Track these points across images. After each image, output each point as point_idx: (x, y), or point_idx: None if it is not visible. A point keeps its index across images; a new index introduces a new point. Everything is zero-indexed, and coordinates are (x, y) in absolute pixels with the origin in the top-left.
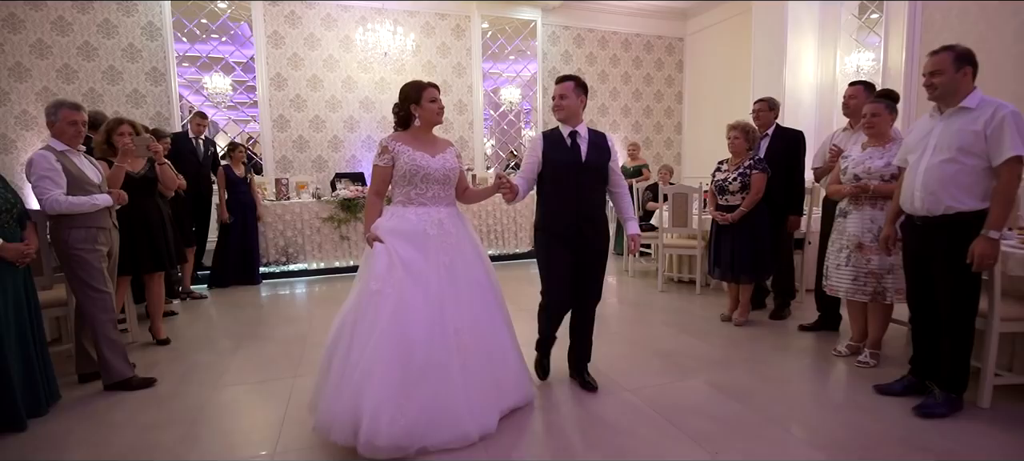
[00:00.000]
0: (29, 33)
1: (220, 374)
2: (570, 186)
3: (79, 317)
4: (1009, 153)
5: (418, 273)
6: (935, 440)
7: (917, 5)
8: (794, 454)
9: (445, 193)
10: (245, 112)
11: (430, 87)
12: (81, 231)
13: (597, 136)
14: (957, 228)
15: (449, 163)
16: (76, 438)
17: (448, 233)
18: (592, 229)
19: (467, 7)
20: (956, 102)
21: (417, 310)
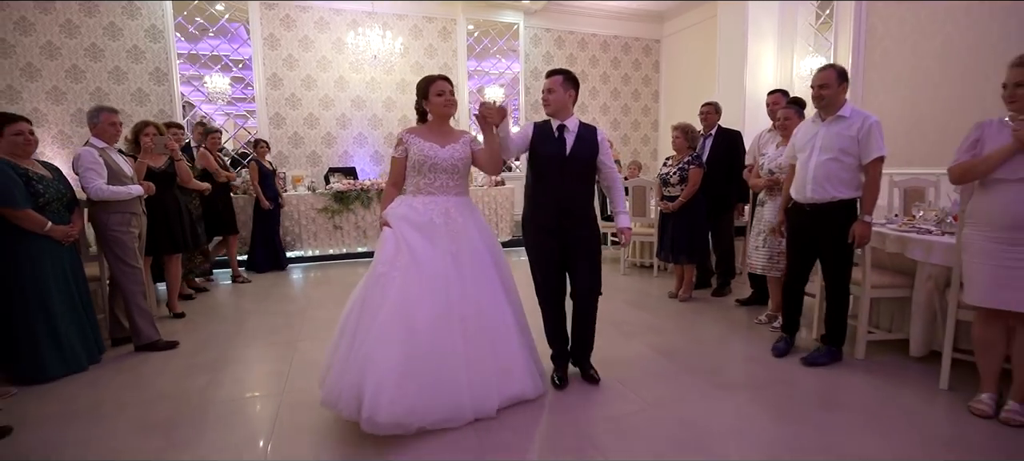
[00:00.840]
0: (39, 35)
1: (232, 338)
2: (553, 178)
3: (113, 289)
4: (875, 154)
5: (424, 259)
6: (815, 383)
7: (863, 15)
8: (698, 393)
9: (454, 183)
10: (240, 107)
11: (438, 81)
12: (118, 215)
13: (587, 130)
14: (839, 212)
15: (458, 153)
16: (115, 382)
17: (455, 222)
18: (574, 221)
19: (453, 9)
20: (835, 111)
21: (421, 294)
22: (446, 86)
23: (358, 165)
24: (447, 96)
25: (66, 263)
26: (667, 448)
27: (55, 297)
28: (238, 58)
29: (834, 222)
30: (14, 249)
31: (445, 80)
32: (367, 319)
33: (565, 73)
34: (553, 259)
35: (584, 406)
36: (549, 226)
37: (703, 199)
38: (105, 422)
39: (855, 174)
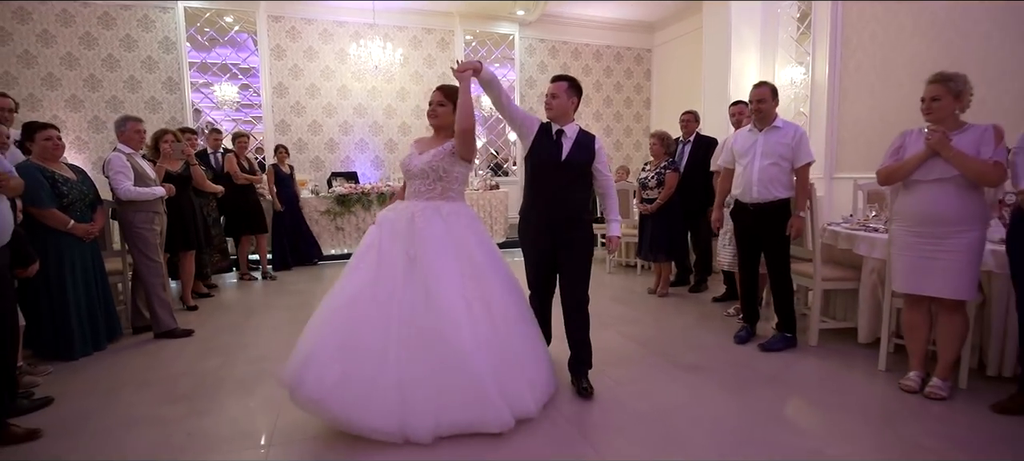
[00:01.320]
0: (59, 47)
1: (244, 330)
2: (547, 181)
3: (135, 281)
4: (805, 159)
5: (381, 261)
6: (770, 365)
7: (838, 27)
8: (661, 372)
9: (425, 188)
10: (247, 113)
11: (433, 91)
12: (142, 214)
13: (586, 137)
14: (777, 210)
15: (430, 160)
16: (139, 363)
17: (417, 229)
18: (566, 226)
19: (451, 21)
20: (770, 123)
21: (367, 292)
22: (434, 96)
23: (359, 169)
24: (434, 107)
25: (87, 257)
26: (625, 417)
27: (79, 287)
28: (246, 67)
29: (774, 218)
30: (43, 243)
31: (438, 90)
32: (327, 299)
33: (570, 80)
34: (545, 257)
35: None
36: (542, 225)
37: (679, 201)
38: (135, 393)
39: (789, 177)
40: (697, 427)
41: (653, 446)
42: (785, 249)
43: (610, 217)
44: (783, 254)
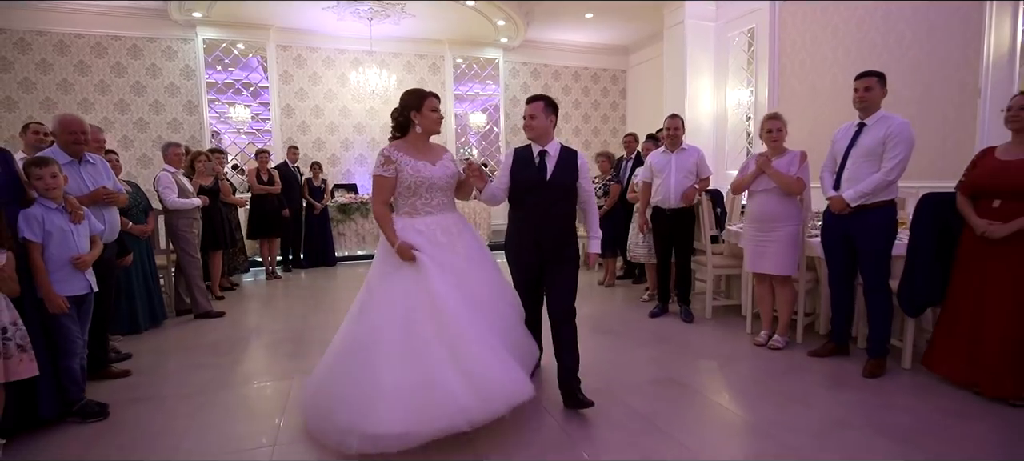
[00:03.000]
0: (93, 75)
1: (267, 311)
2: (533, 203)
3: (178, 273)
4: (706, 174)
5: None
6: (668, 330)
7: (776, 57)
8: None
9: (448, 199)
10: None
11: (432, 96)
12: (185, 220)
13: (568, 154)
14: (687, 214)
15: (449, 169)
16: (187, 333)
17: (457, 237)
18: (554, 243)
19: (441, 48)
20: (680, 146)
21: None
22: (437, 103)
23: (358, 181)
24: (440, 113)
25: (144, 252)
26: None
27: (139, 275)
28: (261, 85)
29: (685, 221)
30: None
31: (435, 97)
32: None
33: (545, 99)
34: (532, 275)
35: None
36: (529, 246)
37: (622, 208)
38: (189, 351)
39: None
40: (616, 370)
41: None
42: (690, 244)
43: (591, 234)
44: (689, 248)
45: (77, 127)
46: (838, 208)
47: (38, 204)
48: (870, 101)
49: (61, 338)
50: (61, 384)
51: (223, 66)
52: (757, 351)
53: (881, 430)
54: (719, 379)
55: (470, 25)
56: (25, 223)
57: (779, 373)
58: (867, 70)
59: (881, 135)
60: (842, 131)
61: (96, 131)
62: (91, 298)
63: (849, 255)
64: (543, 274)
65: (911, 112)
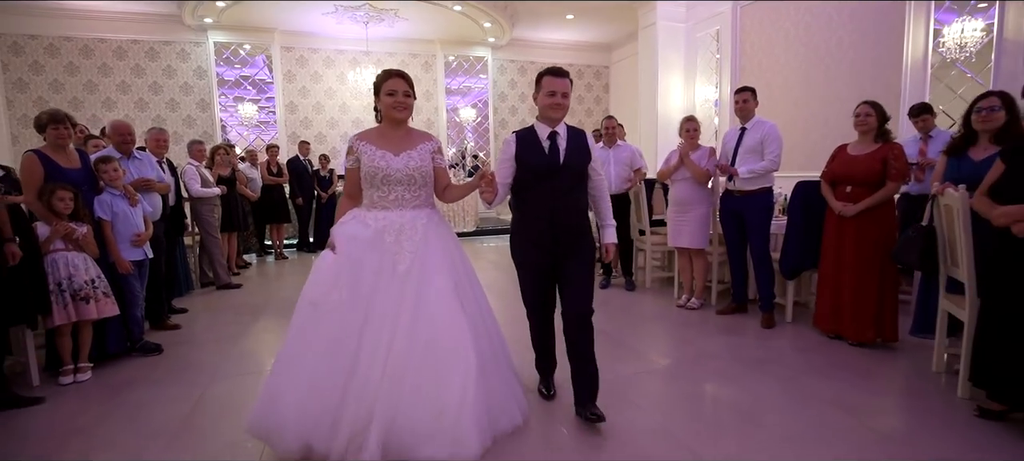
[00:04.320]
0: (115, 76)
1: (278, 284)
2: (545, 190)
3: (202, 251)
4: (638, 166)
5: (362, 284)
6: (612, 298)
7: (737, 58)
8: None
9: (412, 195)
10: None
11: (391, 78)
12: (208, 205)
13: (577, 135)
14: (623, 199)
15: (415, 162)
16: (213, 299)
17: (409, 240)
18: (570, 235)
19: (433, 48)
20: (615, 142)
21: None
22: (399, 85)
23: None
24: (399, 97)
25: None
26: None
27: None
28: (267, 81)
29: (622, 205)
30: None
31: (400, 77)
32: (293, 351)
33: (568, 75)
34: (545, 276)
35: None
36: (542, 242)
37: None
38: (221, 314)
39: (631, 176)
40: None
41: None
42: (627, 225)
43: (605, 222)
44: (625, 228)
45: (125, 130)
46: (726, 171)
47: (106, 191)
48: (748, 110)
49: (127, 292)
50: (127, 327)
51: (231, 65)
52: (678, 311)
53: (738, 359)
54: (641, 331)
55: (459, 26)
56: (98, 206)
57: (686, 326)
58: (743, 86)
59: (759, 136)
60: (729, 134)
61: (159, 133)
62: (147, 263)
63: (740, 230)
64: (557, 274)
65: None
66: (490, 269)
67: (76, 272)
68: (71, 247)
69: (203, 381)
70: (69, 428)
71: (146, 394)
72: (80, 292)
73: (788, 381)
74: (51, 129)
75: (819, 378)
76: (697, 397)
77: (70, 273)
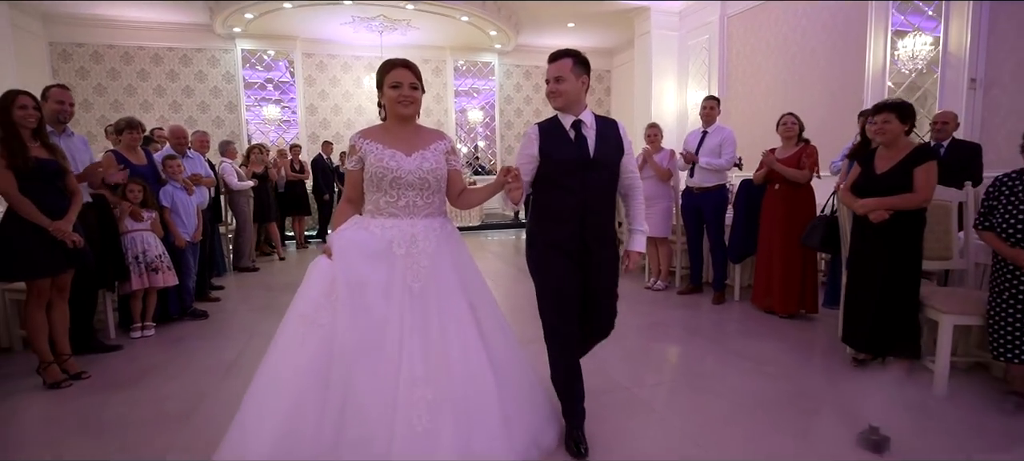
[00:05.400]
0: (152, 81)
1: (301, 270)
2: (574, 188)
3: (237, 236)
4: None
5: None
6: None
7: (725, 65)
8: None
9: (424, 201)
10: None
11: (395, 69)
12: (243, 197)
13: (607, 125)
14: None
15: (428, 163)
16: (249, 281)
17: (422, 253)
18: (599, 241)
19: (443, 54)
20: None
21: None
22: (404, 76)
23: None
24: (405, 90)
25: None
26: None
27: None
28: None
29: None
30: None
31: (406, 67)
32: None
33: (574, 54)
34: (573, 291)
35: None
36: (570, 248)
37: None
38: (252, 290)
39: None
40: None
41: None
42: None
43: (634, 226)
44: None
45: (182, 134)
46: (689, 159)
47: (169, 184)
48: (711, 116)
49: (183, 266)
50: (181, 296)
51: (255, 69)
52: (646, 292)
53: (684, 327)
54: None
55: (467, 34)
56: (163, 196)
57: (650, 303)
58: (710, 95)
59: (719, 140)
60: (692, 135)
61: (203, 135)
62: (198, 244)
63: (699, 222)
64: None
65: (821, 114)
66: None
67: (148, 248)
68: (144, 228)
69: (243, 338)
70: (145, 366)
71: (198, 347)
72: (152, 264)
73: (717, 341)
74: (127, 133)
75: (743, 339)
76: (640, 350)
77: (144, 248)
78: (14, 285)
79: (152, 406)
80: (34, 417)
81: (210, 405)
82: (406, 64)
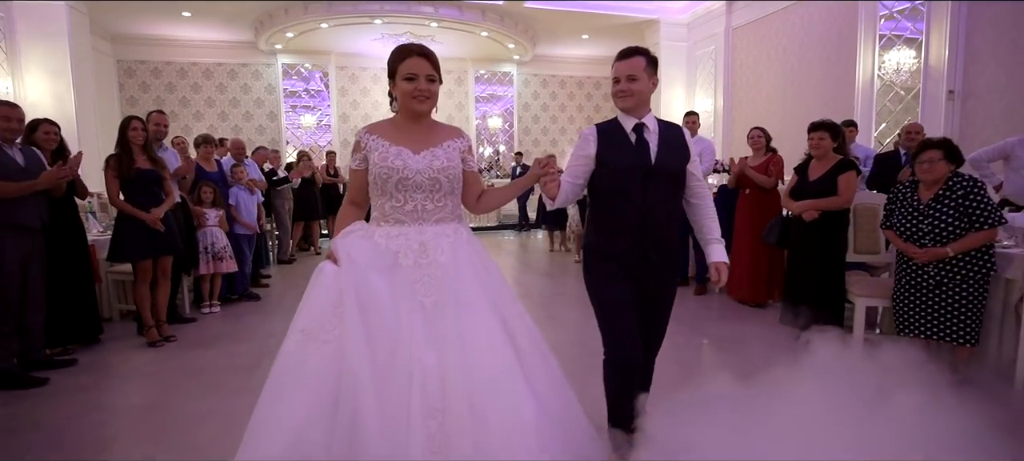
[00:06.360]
0: (203, 93)
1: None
2: (634, 197)
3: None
4: None
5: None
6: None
7: (730, 74)
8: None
9: (435, 205)
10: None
11: (411, 57)
12: (280, 199)
13: (671, 130)
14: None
15: (440, 161)
16: (285, 271)
17: (434, 263)
18: (661, 254)
19: (465, 65)
20: None
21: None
22: (420, 66)
23: None
24: (421, 83)
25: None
26: None
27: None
28: (321, 91)
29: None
30: None
31: (423, 57)
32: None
33: (646, 53)
34: (632, 311)
35: None
36: (627, 261)
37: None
38: (296, 279)
39: None
40: (534, 289)
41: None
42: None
43: (710, 237)
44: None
45: (241, 146)
46: None
47: (234, 187)
48: (693, 129)
49: (242, 256)
50: (239, 281)
51: (293, 80)
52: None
53: None
54: None
55: (487, 47)
56: (231, 196)
57: None
58: (690, 110)
59: (699, 149)
60: None
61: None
62: (254, 237)
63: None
64: (644, 309)
65: None
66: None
67: (216, 240)
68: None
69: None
70: (216, 333)
71: (255, 320)
72: (218, 254)
73: (692, 325)
74: (202, 147)
75: (715, 324)
76: None
77: (213, 240)
78: (117, 269)
79: (227, 360)
80: (145, 362)
81: (270, 362)
82: (423, 52)
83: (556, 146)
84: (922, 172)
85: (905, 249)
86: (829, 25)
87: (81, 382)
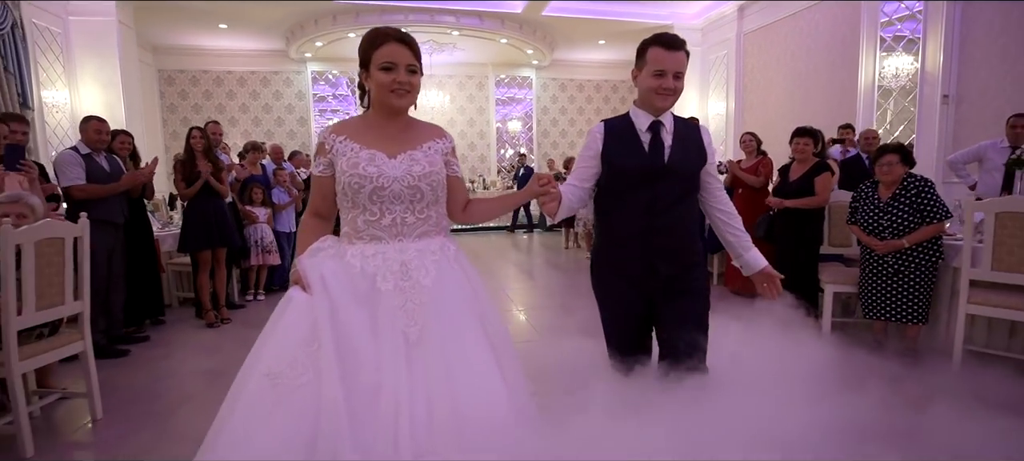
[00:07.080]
0: (238, 100)
1: None
2: (639, 202)
3: None
4: None
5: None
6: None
7: (741, 79)
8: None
9: (417, 217)
10: None
11: (389, 43)
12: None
13: (688, 128)
14: None
15: (420, 167)
16: None
17: (418, 287)
18: (672, 264)
19: (486, 70)
20: None
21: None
22: (401, 55)
23: None
24: (401, 74)
25: None
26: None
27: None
28: (344, 94)
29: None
30: None
31: (402, 44)
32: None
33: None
34: (636, 319)
35: None
36: (630, 273)
37: None
38: None
39: None
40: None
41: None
42: None
43: (740, 248)
44: None
45: (279, 151)
46: None
47: (276, 188)
48: None
49: (282, 250)
50: (280, 273)
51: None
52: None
53: None
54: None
55: (506, 53)
56: (275, 195)
57: None
58: (690, 116)
59: None
60: None
61: (277, 147)
62: (293, 234)
63: None
64: (653, 318)
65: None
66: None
67: (265, 235)
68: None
69: None
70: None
71: None
72: (267, 248)
73: None
74: (250, 154)
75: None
76: None
77: (261, 235)
78: (176, 260)
79: None
80: (207, 339)
81: None
82: (402, 38)
83: (574, 149)
84: (882, 173)
85: (867, 242)
86: (834, 30)
87: (156, 354)
